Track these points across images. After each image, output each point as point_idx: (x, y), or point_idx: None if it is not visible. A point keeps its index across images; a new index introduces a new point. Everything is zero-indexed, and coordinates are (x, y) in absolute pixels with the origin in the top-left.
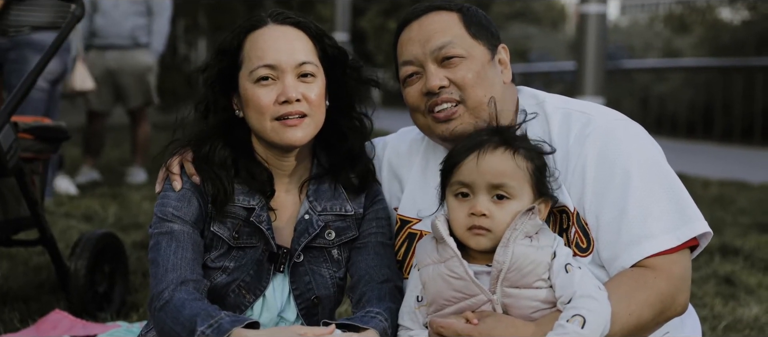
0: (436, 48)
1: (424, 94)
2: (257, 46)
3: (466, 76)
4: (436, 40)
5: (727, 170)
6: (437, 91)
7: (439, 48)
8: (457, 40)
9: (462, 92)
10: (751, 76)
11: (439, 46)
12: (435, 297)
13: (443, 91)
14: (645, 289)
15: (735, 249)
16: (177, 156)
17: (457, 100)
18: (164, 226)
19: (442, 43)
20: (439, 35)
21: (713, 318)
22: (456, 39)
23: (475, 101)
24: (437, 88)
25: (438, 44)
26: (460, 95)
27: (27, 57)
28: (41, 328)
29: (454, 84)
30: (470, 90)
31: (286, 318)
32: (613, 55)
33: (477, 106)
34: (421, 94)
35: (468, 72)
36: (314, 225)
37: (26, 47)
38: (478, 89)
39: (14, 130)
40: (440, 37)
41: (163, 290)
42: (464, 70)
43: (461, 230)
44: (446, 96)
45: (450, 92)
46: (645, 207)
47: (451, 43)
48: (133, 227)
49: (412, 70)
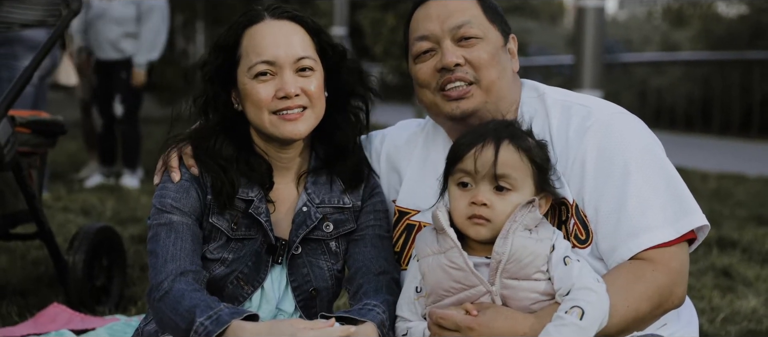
0: (455, 26)
1: (438, 70)
2: (255, 41)
3: (481, 56)
4: (455, 18)
5: (725, 163)
6: (452, 68)
7: (458, 26)
8: (475, 20)
9: (477, 72)
10: (749, 70)
11: (458, 25)
12: (434, 288)
13: (458, 70)
14: (643, 281)
15: (733, 242)
16: (175, 149)
17: (471, 80)
18: (163, 217)
19: (461, 21)
20: (459, 14)
21: (711, 311)
22: (474, 20)
23: (488, 82)
24: (453, 65)
25: (457, 22)
26: (474, 76)
27: (17, 53)
28: (39, 321)
29: (469, 63)
30: (485, 70)
31: (284, 310)
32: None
33: (490, 86)
34: (434, 70)
35: (484, 52)
36: (312, 217)
37: (17, 43)
38: (492, 70)
39: (11, 124)
40: (460, 16)
41: (162, 280)
42: (480, 51)
43: (461, 219)
44: (460, 74)
45: (465, 71)
46: (644, 200)
47: (469, 23)
48: (130, 220)
49: (427, 45)
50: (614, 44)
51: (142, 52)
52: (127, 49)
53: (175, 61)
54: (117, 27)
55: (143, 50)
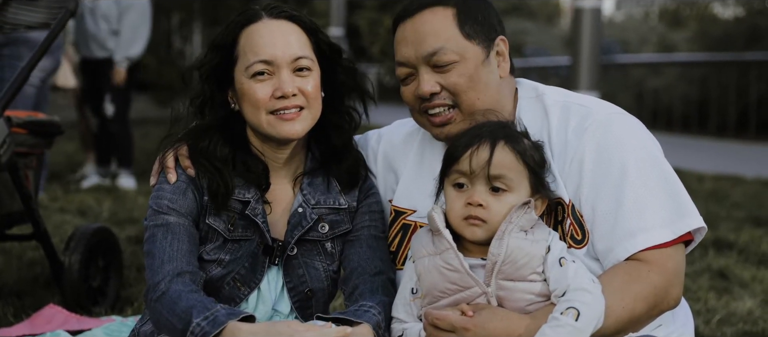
0: (427, 54)
1: (417, 97)
2: (252, 41)
3: (458, 82)
4: (427, 45)
5: (722, 165)
6: (429, 97)
7: (431, 54)
8: (449, 44)
9: (455, 97)
10: (745, 71)
11: (430, 52)
12: (430, 289)
13: (435, 97)
14: (639, 282)
15: (729, 243)
16: (171, 150)
17: (451, 103)
18: (160, 218)
19: (433, 49)
20: (431, 39)
21: (707, 312)
22: (448, 43)
23: (468, 105)
24: (428, 95)
25: (429, 50)
26: (452, 100)
27: (22, 54)
28: (35, 322)
29: (445, 89)
30: (463, 95)
31: (280, 311)
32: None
33: (470, 109)
34: (414, 95)
35: (460, 78)
36: (307, 218)
37: (22, 44)
38: (471, 93)
39: (8, 125)
40: (432, 41)
41: (159, 281)
42: (456, 76)
43: (457, 219)
44: (439, 101)
45: (443, 98)
46: (641, 200)
47: (442, 49)
48: (127, 221)
49: (406, 72)
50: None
51: (121, 50)
52: (114, 48)
53: (172, 61)
54: (104, 23)
55: (122, 47)
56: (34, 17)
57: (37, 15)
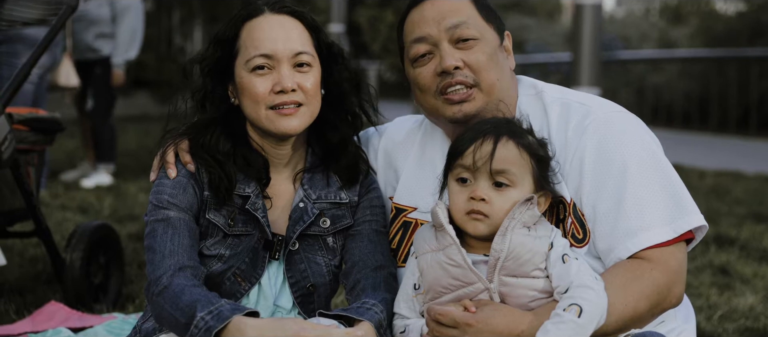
0: (451, 26)
1: (438, 74)
2: (253, 35)
3: (480, 59)
4: (451, 19)
5: (723, 161)
6: (452, 71)
7: (455, 26)
8: (471, 21)
9: (476, 75)
10: (746, 67)
11: (454, 25)
12: (432, 285)
13: (458, 73)
14: (641, 280)
15: (730, 239)
16: (171, 145)
17: (471, 83)
18: (160, 213)
19: (457, 21)
20: (454, 14)
21: (709, 308)
22: (470, 20)
23: (488, 84)
24: (452, 68)
25: (454, 22)
26: (473, 79)
27: (19, 51)
28: (37, 319)
29: (468, 67)
30: (484, 73)
31: (281, 306)
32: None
33: (491, 88)
34: (433, 74)
35: (482, 55)
36: (309, 213)
37: (18, 41)
38: (492, 72)
39: (9, 122)
40: (455, 15)
41: (160, 275)
42: (478, 53)
43: (460, 214)
44: (460, 78)
45: (464, 75)
46: (642, 199)
47: (465, 23)
48: (128, 218)
49: (425, 48)
50: (612, 41)
51: (119, 52)
52: (103, 49)
53: (173, 58)
54: (93, 28)
55: (120, 50)
56: (30, 14)
57: (33, 11)
